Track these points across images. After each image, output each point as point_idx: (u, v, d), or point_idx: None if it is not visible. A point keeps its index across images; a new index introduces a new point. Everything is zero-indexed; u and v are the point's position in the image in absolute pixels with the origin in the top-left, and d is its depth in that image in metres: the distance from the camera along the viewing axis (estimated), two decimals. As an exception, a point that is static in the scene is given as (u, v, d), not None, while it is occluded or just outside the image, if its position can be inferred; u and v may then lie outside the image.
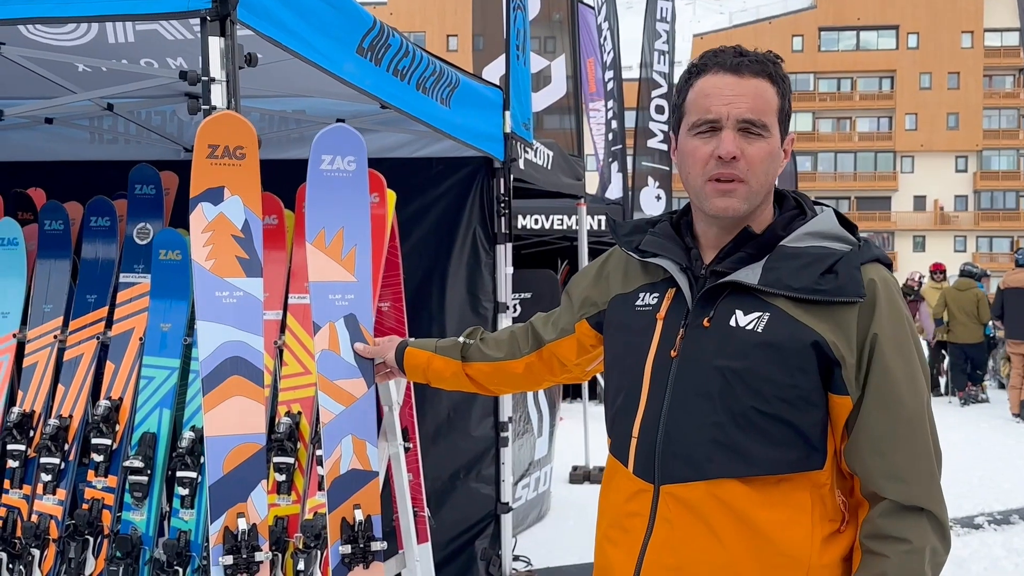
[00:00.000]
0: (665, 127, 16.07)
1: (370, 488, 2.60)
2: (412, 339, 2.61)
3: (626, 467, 1.91)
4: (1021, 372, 11.96)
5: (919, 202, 59.28)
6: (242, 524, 2.47)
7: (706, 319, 1.82)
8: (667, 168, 16.52)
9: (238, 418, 2.46)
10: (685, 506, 1.80)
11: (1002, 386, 14.33)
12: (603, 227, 11.50)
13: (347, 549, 2.55)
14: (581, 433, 8.31)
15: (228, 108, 2.37)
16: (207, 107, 2.38)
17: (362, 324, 2.66)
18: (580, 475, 8.18)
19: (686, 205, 1.98)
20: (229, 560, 2.45)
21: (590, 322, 2.18)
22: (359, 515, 2.56)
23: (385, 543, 2.60)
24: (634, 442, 1.88)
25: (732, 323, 1.80)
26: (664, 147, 16.32)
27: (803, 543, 1.76)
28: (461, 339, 2.50)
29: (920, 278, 14.90)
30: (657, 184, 16.20)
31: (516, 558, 5.45)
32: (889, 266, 1.86)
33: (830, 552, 1.78)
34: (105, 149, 5.08)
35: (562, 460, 7.69)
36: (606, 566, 1.95)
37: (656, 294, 1.94)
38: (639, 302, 1.97)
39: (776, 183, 1.91)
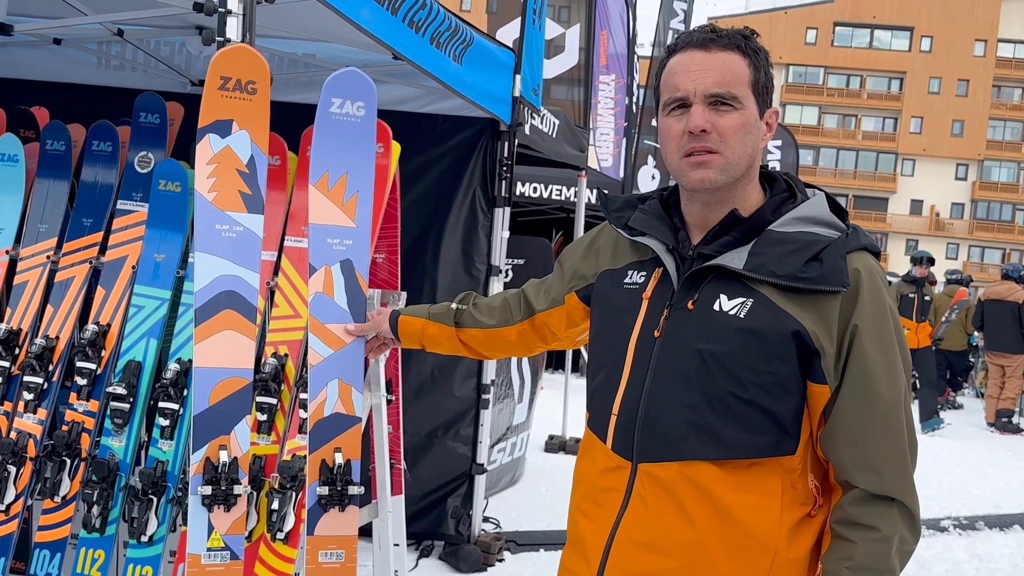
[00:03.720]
0: (672, 106, 16.04)
1: (352, 433, 2.61)
2: (402, 308, 2.60)
3: (604, 443, 1.91)
4: (999, 383, 12.06)
5: (916, 206, 59.32)
6: (223, 456, 2.48)
7: (690, 302, 1.82)
8: (671, 147, 16.51)
9: (228, 352, 2.46)
10: (659, 485, 1.81)
11: (979, 395, 14.43)
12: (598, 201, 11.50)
13: (324, 491, 2.56)
14: (560, 403, 8.36)
15: (243, 42, 2.35)
16: (221, 39, 2.36)
17: (358, 271, 2.66)
18: (556, 444, 8.23)
19: (676, 184, 1.98)
20: (208, 490, 2.46)
21: (579, 295, 2.17)
22: (339, 458, 2.58)
23: (362, 488, 2.61)
24: (613, 419, 1.89)
25: (716, 307, 1.80)
26: (669, 126, 16.30)
27: (770, 527, 1.77)
28: (454, 305, 2.49)
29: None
30: (654, 164, 16.18)
31: (486, 519, 5.49)
32: (877, 254, 1.85)
33: (799, 537, 1.79)
34: (111, 75, 5.04)
35: (539, 428, 7.73)
36: (578, 537, 1.97)
37: (644, 273, 1.94)
38: (627, 280, 1.96)
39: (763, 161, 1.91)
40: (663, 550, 1.80)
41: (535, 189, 10.98)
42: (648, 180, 15.76)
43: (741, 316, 1.77)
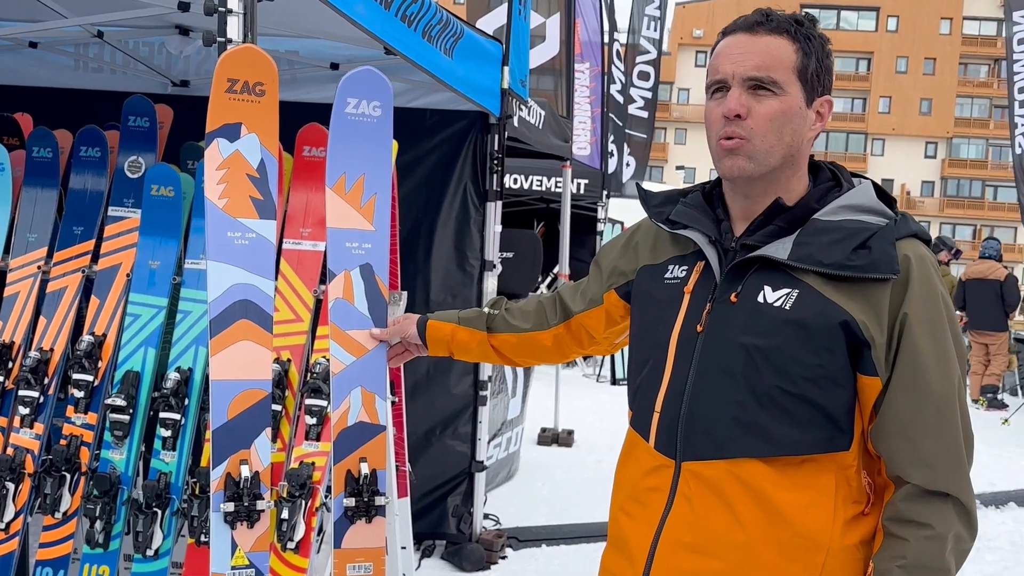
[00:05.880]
0: (647, 94, 16.01)
1: (377, 441, 2.55)
2: (429, 313, 2.53)
3: (647, 441, 1.86)
4: (983, 360, 12.12)
5: (887, 185, 59.57)
6: (245, 471, 2.41)
7: (734, 294, 1.77)
8: (644, 136, 16.47)
9: (245, 363, 2.39)
10: (705, 484, 1.76)
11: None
12: (583, 191, 11.46)
13: (351, 502, 2.50)
14: (551, 396, 8.32)
15: (245, 42, 2.28)
16: (223, 39, 2.29)
17: (378, 275, 2.59)
18: (548, 437, 8.20)
19: (719, 177, 1.93)
20: (230, 507, 2.39)
21: (618, 292, 2.12)
22: (364, 468, 2.51)
23: (388, 498, 2.55)
24: (656, 416, 1.84)
25: (760, 299, 1.75)
26: (644, 114, 16.25)
27: (824, 526, 1.72)
28: (485, 309, 2.42)
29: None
30: (629, 151, 16.13)
31: (486, 516, 5.45)
32: (928, 242, 1.80)
33: (852, 535, 1.74)
34: (90, 78, 4.94)
35: (531, 422, 7.69)
36: (621, 538, 1.91)
37: (685, 267, 1.89)
38: (668, 275, 1.91)
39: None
40: (711, 551, 1.75)
41: (515, 180, 10.92)
42: (624, 168, 15.77)
43: (787, 308, 1.71)
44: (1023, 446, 9.50)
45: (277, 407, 3.10)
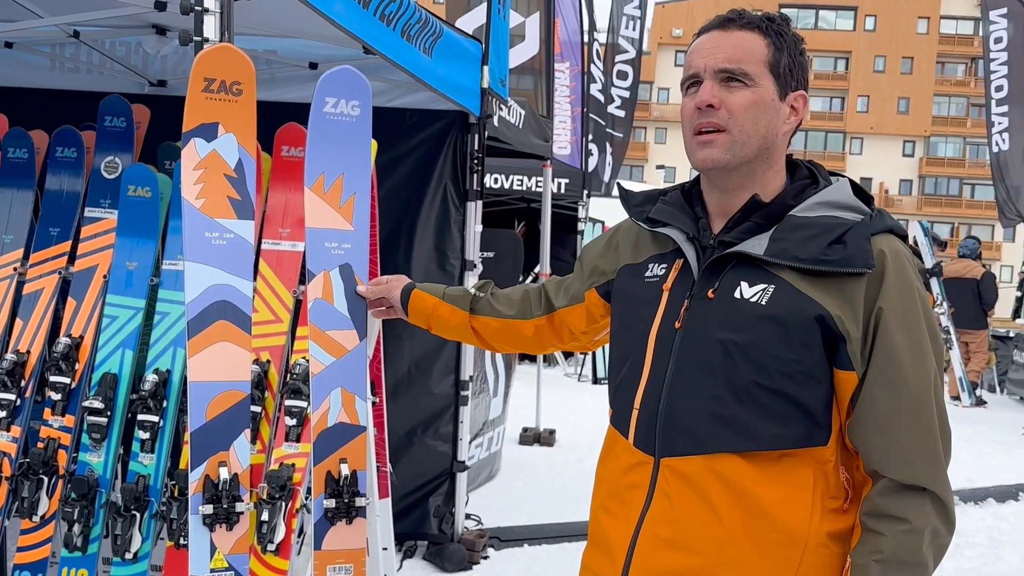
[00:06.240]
0: (625, 93, 16.03)
1: (357, 442, 2.53)
2: (420, 283, 2.53)
3: (626, 439, 1.87)
4: (964, 358, 12.18)
5: (865, 184, 59.29)
6: (224, 473, 2.39)
7: (711, 290, 1.78)
8: (621, 135, 16.51)
9: (224, 364, 2.37)
10: (684, 480, 1.76)
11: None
12: (563, 190, 11.46)
13: (331, 503, 2.48)
14: (532, 395, 8.31)
15: (222, 41, 2.26)
16: (199, 39, 2.27)
17: (357, 275, 2.57)
18: (530, 436, 8.19)
19: (699, 175, 1.93)
20: (209, 509, 2.37)
21: (599, 291, 2.13)
22: (345, 469, 2.49)
23: (369, 499, 2.54)
24: (635, 413, 1.84)
25: (737, 295, 1.75)
26: (622, 113, 16.28)
27: (802, 521, 1.72)
28: (472, 290, 2.43)
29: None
30: (611, 151, 16.17)
31: (468, 516, 5.43)
32: (904, 238, 1.81)
33: (830, 530, 1.75)
34: (66, 78, 4.89)
35: (513, 421, 7.69)
36: (601, 536, 1.91)
37: (664, 264, 1.90)
38: (648, 273, 1.92)
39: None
40: (690, 547, 1.75)
41: (496, 180, 10.92)
42: (604, 167, 15.78)
43: (763, 303, 1.72)
44: (1002, 442, 9.56)
45: (257, 408, 3.09)
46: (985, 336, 12.29)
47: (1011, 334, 13.29)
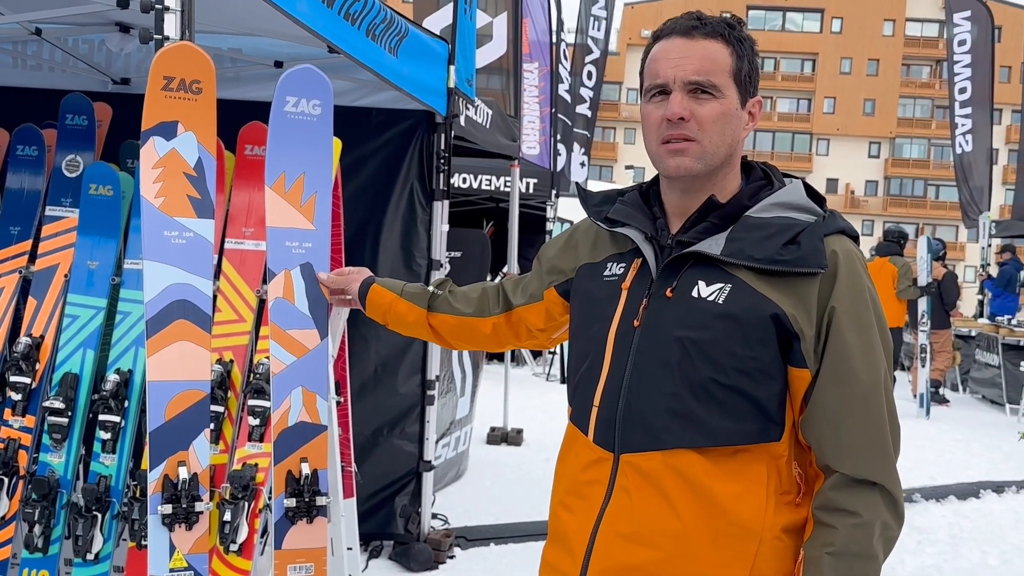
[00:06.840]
0: (591, 93, 16.10)
1: (318, 441, 2.53)
2: (380, 278, 2.53)
3: (586, 435, 1.89)
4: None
5: (831, 184, 60.50)
6: (183, 473, 2.38)
7: (669, 289, 1.81)
8: (589, 135, 16.57)
9: (182, 364, 2.36)
10: (643, 475, 1.79)
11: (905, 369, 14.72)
12: (532, 190, 11.48)
13: (292, 503, 2.48)
14: (500, 395, 8.32)
15: (182, 39, 2.25)
16: (160, 37, 2.26)
17: (318, 274, 2.58)
18: (498, 436, 8.20)
19: (656, 175, 1.96)
20: (168, 509, 2.36)
21: (558, 290, 2.15)
22: (306, 468, 2.49)
23: (330, 498, 2.54)
24: (595, 411, 1.87)
25: (694, 294, 1.79)
26: (589, 113, 16.35)
27: (756, 515, 1.76)
28: (430, 288, 2.44)
29: None
30: (583, 151, 16.23)
31: (434, 516, 5.43)
32: (856, 239, 1.85)
33: (783, 524, 1.78)
34: (28, 76, 4.85)
35: (480, 421, 7.69)
36: (561, 532, 1.92)
37: (623, 264, 1.92)
38: (606, 272, 1.95)
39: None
40: (648, 541, 1.78)
41: (464, 180, 10.91)
42: (577, 168, 15.83)
43: (720, 302, 1.75)
44: (963, 441, 9.67)
45: (219, 408, 3.08)
46: (948, 336, 12.42)
47: (973, 333, 13.43)
